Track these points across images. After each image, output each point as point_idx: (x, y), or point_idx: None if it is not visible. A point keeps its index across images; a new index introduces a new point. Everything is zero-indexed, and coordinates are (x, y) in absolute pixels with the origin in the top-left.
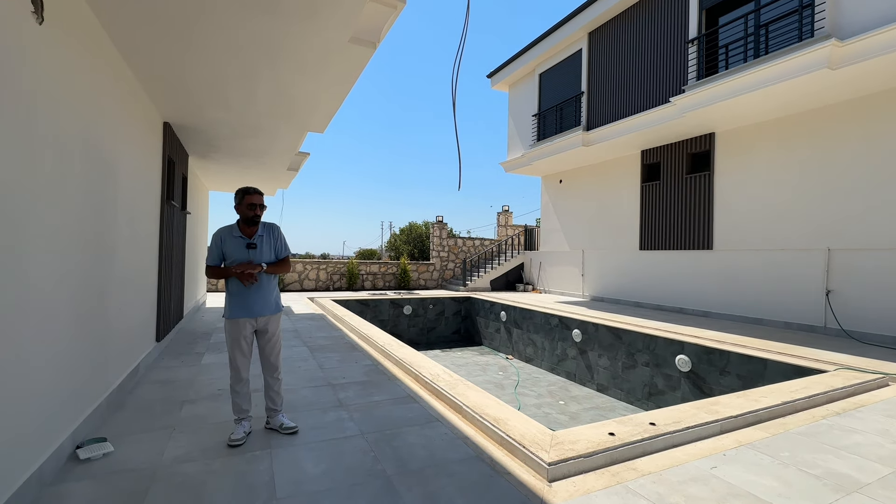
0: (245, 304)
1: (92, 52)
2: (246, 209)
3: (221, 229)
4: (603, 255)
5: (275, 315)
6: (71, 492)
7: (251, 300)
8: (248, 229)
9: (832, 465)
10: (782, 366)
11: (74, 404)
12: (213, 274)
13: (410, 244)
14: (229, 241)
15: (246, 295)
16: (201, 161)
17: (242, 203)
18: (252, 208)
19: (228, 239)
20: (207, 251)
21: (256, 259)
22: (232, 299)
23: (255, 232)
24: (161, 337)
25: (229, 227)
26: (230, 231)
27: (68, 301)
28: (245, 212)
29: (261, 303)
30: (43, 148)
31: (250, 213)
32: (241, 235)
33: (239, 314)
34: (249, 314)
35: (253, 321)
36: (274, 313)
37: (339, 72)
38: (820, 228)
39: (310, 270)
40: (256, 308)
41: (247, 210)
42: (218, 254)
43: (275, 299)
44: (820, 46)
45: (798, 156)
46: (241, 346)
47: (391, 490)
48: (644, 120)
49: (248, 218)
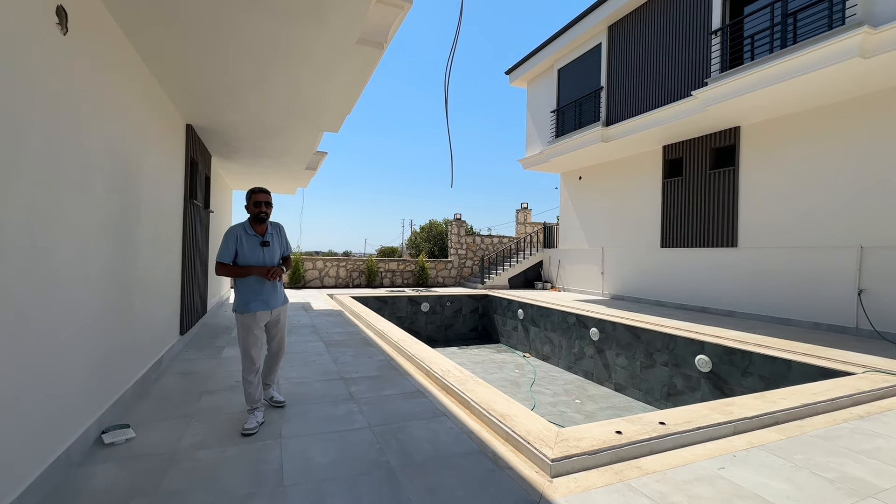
0: (263, 299)
1: (115, 59)
2: (252, 206)
3: (236, 227)
4: (623, 253)
5: (284, 306)
6: (96, 472)
7: (267, 295)
8: (258, 227)
9: (849, 469)
10: (807, 367)
11: (101, 392)
12: (229, 272)
13: (430, 242)
14: (245, 240)
15: (262, 291)
16: (224, 161)
17: (250, 201)
18: (258, 206)
19: (243, 236)
20: (220, 249)
21: (269, 255)
22: (249, 295)
23: (265, 230)
24: (185, 330)
25: (241, 225)
26: (244, 229)
27: (96, 295)
28: (252, 209)
29: (275, 297)
30: (70, 152)
31: (256, 211)
32: (254, 234)
33: (257, 308)
34: (267, 307)
35: (268, 314)
36: (284, 304)
37: (349, 73)
38: (852, 225)
39: (330, 268)
40: (272, 302)
41: (253, 207)
42: (233, 251)
43: (283, 292)
44: (852, 34)
45: (829, 149)
46: (257, 337)
47: (393, 481)
48: (665, 114)
49: (256, 215)
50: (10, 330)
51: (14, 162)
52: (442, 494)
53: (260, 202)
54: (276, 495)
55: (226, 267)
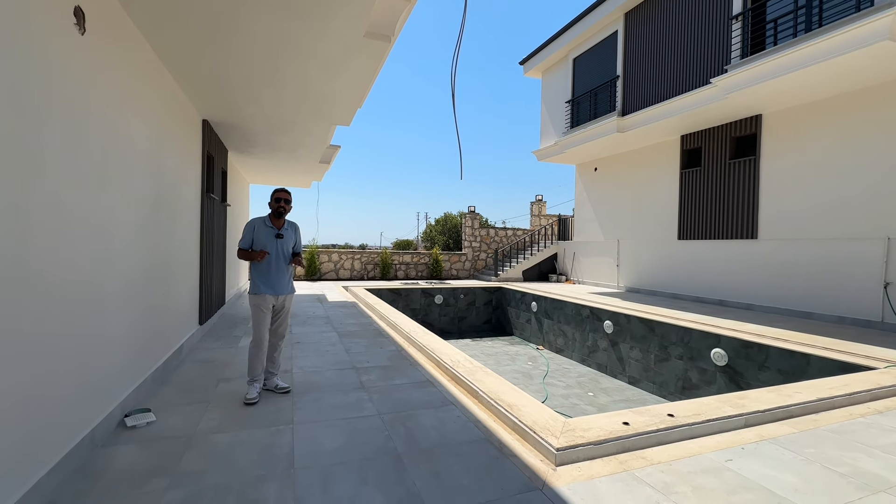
0: (270, 283)
1: (131, 57)
2: (274, 202)
3: (255, 219)
4: (639, 245)
5: (290, 294)
6: (118, 453)
7: (274, 280)
8: (276, 221)
9: (861, 463)
10: (827, 362)
11: (124, 378)
12: (245, 256)
13: (445, 234)
14: (261, 229)
15: (270, 276)
16: (240, 156)
17: (272, 198)
18: (278, 202)
19: (261, 227)
20: (242, 236)
21: (282, 246)
22: (259, 280)
23: (282, 225)
24: (204, 320)
25: (261, 218)
26: (263, 221)
27: (118, 287)
28: (273, 204)
29: (282, 284)
30: (90, 148)
31: (276, 206)
32: (271, 226)
33: (265, 290)
34: (273, 292)
35: (274, 298)
36: (290, 293)
37: (358, 66)
38: (879, 215)
39: (345, 260)
40: (279, 287)
41: (274, 203)
42: (250, 239)
43: (291, 282)
44: (881, 15)
45: (855, 136)
46: (264, 316)
47: (399, 466)
48: (683, 103)
49: (276, 210)
50: (46, 317)
51: (37, 158)
52: (447, 480)
53: (280, 199)
54: (287, 477)
55: (244, 252)
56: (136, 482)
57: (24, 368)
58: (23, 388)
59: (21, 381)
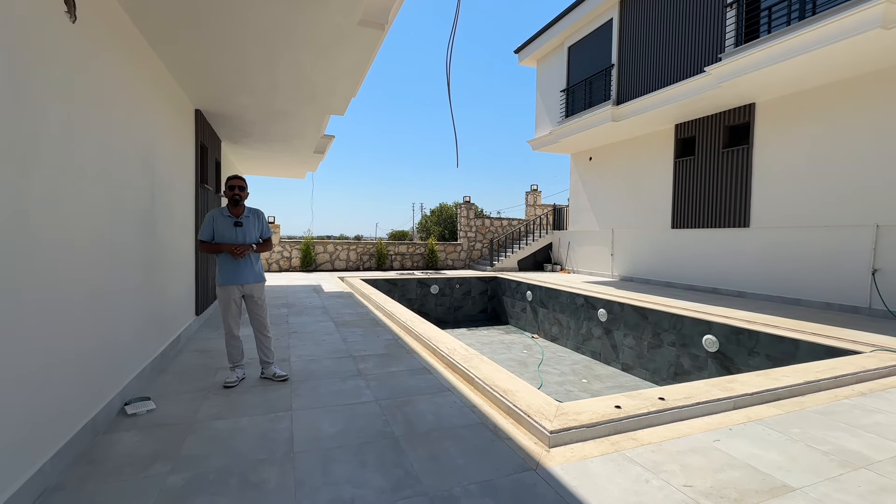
0: (234, 273)
1: (123, 45)
2: (228, 190)
3: (213, 210)
4: (633, 234)
5: (259, 283)
6: (120, 440)
7: (239, 270)
8: (234, 210)
9: (844, 442)
10: (815, 346)
11: (123, 367)
12: (206, 249)
13: (441, 225)
14: (220, 220)
15: (235, 266)
16: (234, 146)
17: (226, 185)
18: (231, 189)
19: (219, 218)
20: (201, 228)
21: (242, 235)
22: (224, 269)
23: (241, 213)
24: (200, 311)
25: (219, 208)
26: (221, 212)
27: (116, 276)
28: (227, 193)
29: (247, 272)
30: (84, 137)
31: (230, 194)
32: (229, 215)
33: (229, 281)
34: (237, 281)
35: (240, 287)
36: (258, 282)
37: (352, 55)
38: (869, 203)
39: (340, 251)
40: (243, 277)
41: (228, 191)
42: (210, 231)
43: (258, 270)
44: (874, 3)
45: (847, 125)
46: (230, 308)
47: (397, 449)
48: (677, 92)
49: (231, 198)
50: (49, 306)
51: (33, 148)
52: (443, 461)
53: (233, 186)
54: (287, 461)
55: (204, 244)
56: (138, 467)
57: (25, 357)
58: (24, 377)
59: (22, 370)
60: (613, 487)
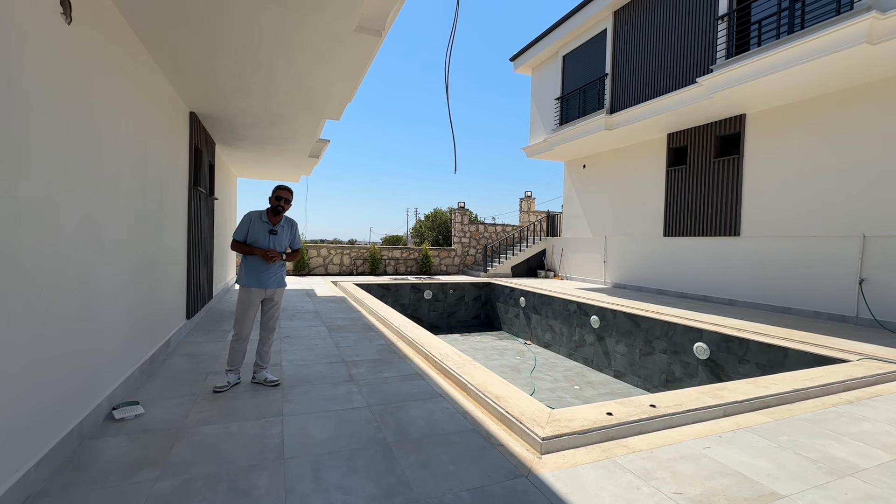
0: (260, 278)
1: (118, 47)
2: (274, 200)
3: (252, 212)
4: (626, 242)
5: (280, 288)
6: (107, 445)
7: (265, 275)
8: (273, 217)
9: (831, 450)
10: (804, 355)
11: (111, 371)
12: (239, 248)
13: (435, 230)
14: (257, 224)
15: (262, 270)
16: (228, 149)
17: (273, 195)
18: (278, 200)
19: (257, 221)
20: (237, 227)
21: (276, 242)
22: (249, 272)
23: (278, 221)
24: (191, 314)
25: (259, 212)
26: (259, 216)
27: (105, 280)
28: (273, 201)
29: (273, 278)
30: (77, 138)
31: (276, 204)
32: (267, 221)
33: (254, 284)
34: (262, 286)
35: (262, 291)
36: (280, 287)
37: (349, 61)
38: (856, 213)
39: (334, 255)
40: (269, 282)
41: (275, 200)
42: (245, 232)
43: (282, 276)
44: (859, 20)
45: (834, 137)
46: (249, 311)
47: (389, 455)
48: (669, 102)
49: (274, 207)
50: (29, 310)
51: (24, 150)
52: (434, 468)
53: (281, 198)
54: (277, 466)
55: (238, 244)
56: (125, 473)
57: (9, 361)
58: (7, 380)
59: (5, 374)
60: (604, 494)
